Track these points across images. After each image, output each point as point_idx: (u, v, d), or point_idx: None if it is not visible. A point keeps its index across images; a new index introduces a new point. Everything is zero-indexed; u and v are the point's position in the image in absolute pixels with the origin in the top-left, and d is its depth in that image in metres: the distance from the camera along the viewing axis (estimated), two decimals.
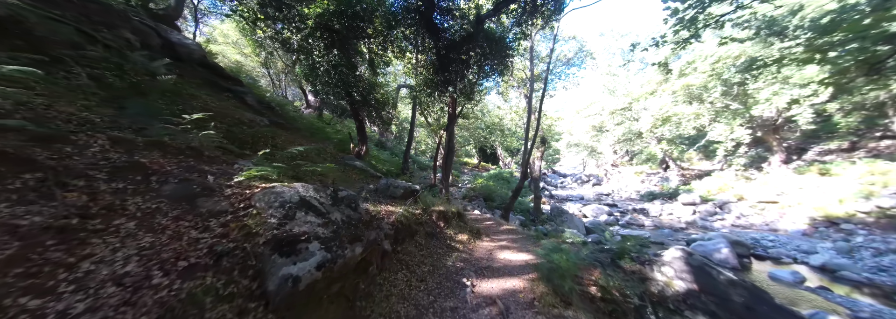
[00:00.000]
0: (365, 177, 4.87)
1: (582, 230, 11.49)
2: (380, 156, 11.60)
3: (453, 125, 7.20)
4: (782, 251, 9.79)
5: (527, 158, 9.26)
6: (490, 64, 7.13)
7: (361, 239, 2.52)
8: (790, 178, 14.13)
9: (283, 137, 4.65)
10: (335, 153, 5.59)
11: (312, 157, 4.28)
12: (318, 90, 6.77)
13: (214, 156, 2.90)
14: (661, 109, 16.90)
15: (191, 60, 4.86)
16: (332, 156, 5.09)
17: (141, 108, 2.58)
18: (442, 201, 5.42)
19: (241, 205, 2.18)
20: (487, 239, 4.32)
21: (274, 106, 7.95)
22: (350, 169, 4.90)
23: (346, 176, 4.35)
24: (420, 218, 3.40)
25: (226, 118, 3.85)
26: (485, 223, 7.31)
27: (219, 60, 15.80)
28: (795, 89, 11.62)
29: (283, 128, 5.37)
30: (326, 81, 6.54)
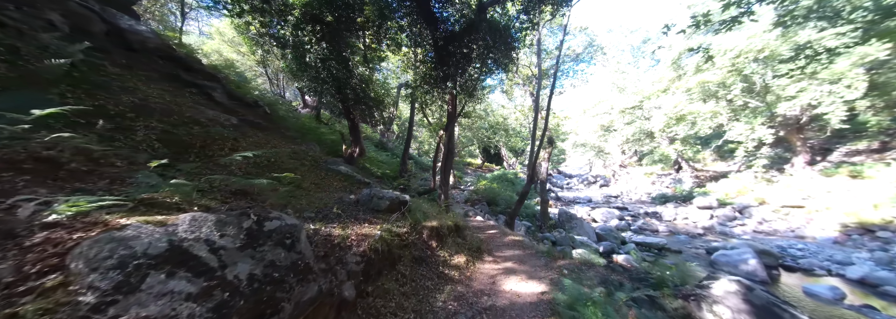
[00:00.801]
0: (350, 185, 4.27)
1: (592, 236, 10.77)
2: (378, 157, 11.02)
3: (453, 124, 6.58)
4: (814, 261, 8.96)
5: (533, 160, 8.58)
6: (493, 57, 6.47)
7: (287, 300, 1.71)
8: (816, 181, 13.20)
9: (253, 139, 4.05)
10: (319, 156, 5.00)
11: (281, 163, 3.66)
12: (306, 86, 6.20)
13: (85, 170, 1.98)
14: (675, 107, 16.03)
15: (145, 50, 4.30)
16: (312, 161, 4.50)
17: (17, 101, 1.99)
18: (439, 211, 4.80)
19: (44, 267, 1.24)
20: (490, 259, 3.69)
21: (260, 104, 7.41)
22: (332, 175, 4.31)
23: (322, 185, 3.75)
24: (406, 239, 2.77)
25: (171, 116, 3.27)
26: (488, 232, 6.67)
27: (214, 58, 15.41)
28: (826, 85, 10.73)
29: (259, 129, 4.79)
30: (314, 76, 5.96)
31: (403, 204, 3.21)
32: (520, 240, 5.49)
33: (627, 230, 13.59)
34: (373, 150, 12.29)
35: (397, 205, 3.16)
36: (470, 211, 9.14)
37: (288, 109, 10.87)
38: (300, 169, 3.93)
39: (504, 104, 23.11)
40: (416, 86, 6.41)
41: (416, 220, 3.24)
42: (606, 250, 9.76)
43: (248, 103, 5.77)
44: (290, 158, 4.03)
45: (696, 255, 10.15)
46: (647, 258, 9.69)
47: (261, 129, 4.87)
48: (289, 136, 6.08)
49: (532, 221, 11.33)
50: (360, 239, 2.39)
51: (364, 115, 7.56)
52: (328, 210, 2.73)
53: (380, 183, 7.30)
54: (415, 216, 3.33)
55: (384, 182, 7.85)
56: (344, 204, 3.12)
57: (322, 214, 2.68)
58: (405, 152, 9.47)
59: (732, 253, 8.85)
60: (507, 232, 6.72)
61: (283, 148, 4.39)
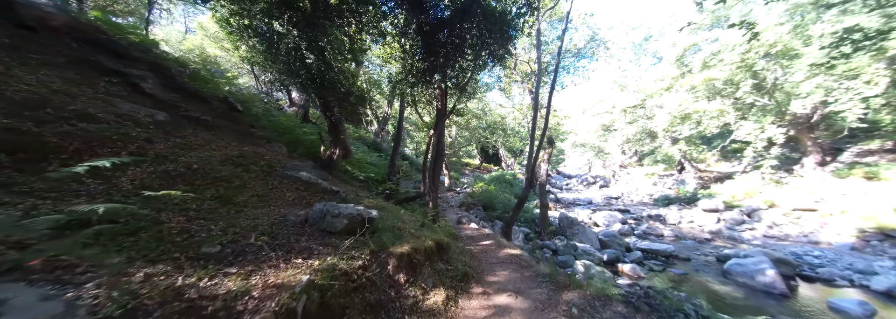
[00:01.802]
0: (310, 195, 3.56)
1: (595, 243, 10.10)
2: (366, 159, 10.31)
3: (443, 123, 5.90)
4: (834, 270, 8.33)
5: (532, 162, 7.90)
6: (488, 48, 5.76)
7: None
8: (829, 183, 12.58)
9: (182, 140, 3.28)
10: (278, 160, 4.27)
11: (210, 171, 2.87)
12: (277, 80, 5.52)
13: None
14: (680, 106, 15.39)
15: (47, 29, 3.58)
16: (265, 166, 3.77)
17: None
18: (420, 224, 4.09)
19: None
20: (478, 291, 2.96)
21: (231, 100, 6.68)
22: (288, 184, 3.58)
23: (268, 198, 3.04)
24: (360, 278, 2.04)
25: (41, 109, 2.55)
26: (481, 243, 5.97)
27: (197, 54, 14.64)
28: (843, 81, 10.09)
29: (204, 127, 4.07)
30: (286, 69, 5.25)
31: (366, 223, 2.50)
32: (517, 255, 4.80)
33: (631, 235, 12.94)
34: (362, 152, 11.57)
35: (358, 224, 2.45)
36: (464, 218, 8.45)
37: (269, 107, 10.14)
38: (242, 177, 3.21)
39: (502, 103, 22.44)
40: (399, 80, 5.70)
41: (381, 245, 2.52)
42: (611, 258, 9.11)
43: (203, 98, 5.05)
44: (231, 164, 3.30)
45: (706, 264, 9.50)
46: (654, 267, 9.04)
47: (207, 128, 4.15)
48: (256, 136, 5.39)
49: (531, 227, 10.65)
50: (268, 293, 1.51)
51: (347, 113, 6.84)
52: (253, 237, 2.00)
53: (361, 188, 6.60)
54: (379, 239, 2.57)
55: (368, 187, 7.15)
56: (285, 225, 2.38)
57: (234, 248, 1.90)
58: (394, 153, 8.76)
59: (747, 263, 8.20)
60: (504, 242, 6.03)
61: (230, 150, 3.65)
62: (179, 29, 20.01)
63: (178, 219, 2.11)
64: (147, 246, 1.72)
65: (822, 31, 11.00)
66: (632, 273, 8.41)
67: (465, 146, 20.39)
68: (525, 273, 3.60)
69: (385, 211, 3.93)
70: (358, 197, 4.54)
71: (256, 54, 5.74)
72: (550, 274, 3.40)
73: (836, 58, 7.32)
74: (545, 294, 2.90)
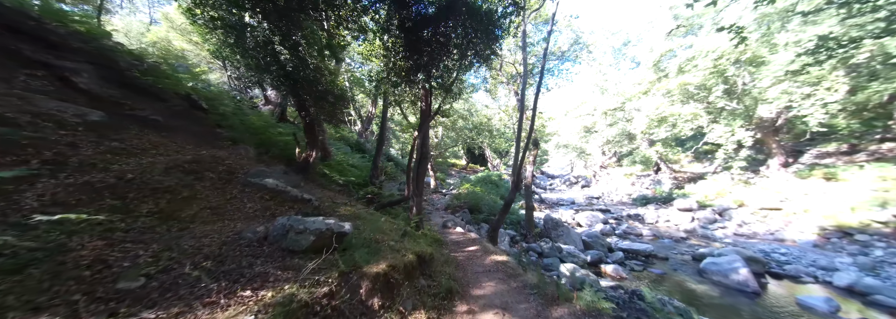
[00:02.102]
0: (276, 205, 3.20)
1: (579, 244, 10.17)
2: (348, 161, 9.87)
3: (428, 124, 5.65)
4: (800, 268, 8.76)
5: (518, 164, 7.80)
6: (474, 48, 5.57)
7: None
8: (793, 183, 13.35)
9: (118, 143, 2.78)
10: (241, 165, 3.84)
11: (150, 181, 2.40)
12: (245, 76, 5.09)
13: None
14: (657, 109, 15.91)
15: None
16: (223, 173, 3.36)
17: None
18: (400, 235, 3.82)
19: None
20: (463, 309, 2.72)
21: (194, 98, 6.13)
22: (250, 193, 3.20)
23: (223, 211, 2.67)
24: (326, 306, 1.74)
25: None
26: (467, 249, 5.77)
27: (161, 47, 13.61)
28: (805, 87, 10.70)
29: (152, 127, 3.59)
30: (251, 64, 4.82)
31: (337, 239, 2.21)
32: (504, 262, 4.63)
33: (612, 234, 13.20)
34: (344, 153, 11.09)
35: (328, 241, 2.15)
36: (450, 222, 8.24)
37: (241, 106, 9.51)
38: (193, 187, 2.79)
39: (488, 104, 22.45)
40: (381, 79, 5.39)
41: (353, 265, 2.16)
42: (594, 259, 9.18)
43: (158, 95, 4.51)
44: (180, 171, 2.86)
45: (683, 262, 9.78)
46: (635, 267, 9.19)
47: (158, 129, 3.67)
48: (221, 138, 4.91)
49: (517, 229, 10.59)
50: None
51: (325, 112, 6.45)
52: (188, 266, 1.64)
53: (341, 193, 6.23)
54: (351, 258, 2.23)
55: (349, 191, 6.78)
56: (238, 245, 2.04)
57: (163, 281, 1.51)
58: (377, 154, 8.40)
59: (722, 262, 8.49)
60: (490, 248, 5.86)
61: (182, 155, 3.20)
62: (143, 20, 18.56)
63: (93, 245, 1.70)
64: (35, 288, 1.32)
65: (786, 39, 11.63)
66: (614, 275, 8.50)
67: (451, 147, 20.21)
68: (512, 284, 3.42)
69: (363, 221, 3.63)
70: (334, 204, 4.19)
71: (224, 47, 5.27)
72: (539, 285, 3.24)
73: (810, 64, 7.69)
74: (534, 309, 2.73)
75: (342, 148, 14.44)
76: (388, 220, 4.48)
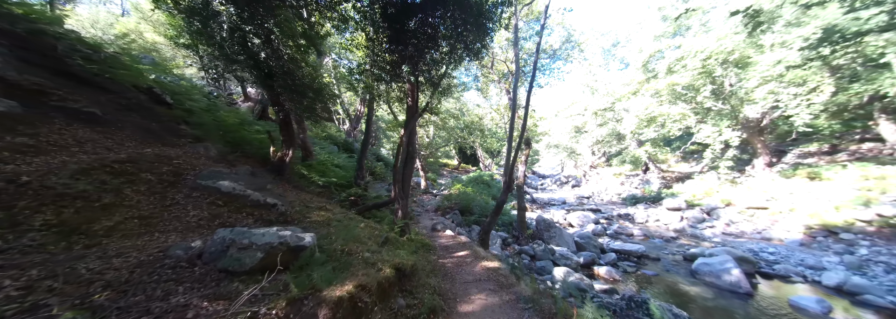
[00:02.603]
0: (230, 212, 2.76)
1: (572, 246, 9.97)
2: (332, 161, 9.38)
3: (415, 121, 5.27)
4: (789, 267, 8.77)
5: (510, 164, 7.50)
6: (464, 42, 5.22)
7: None
8: (778, 183, 13.54)
9: (32, 140, 2.28)
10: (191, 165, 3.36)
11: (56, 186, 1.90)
12: (210, 67, 4.60)
13: None
14: (646, 109, 15.96)
15: None
16: (168, 175, 2.90)
17: None
18: (384, 240, 3.44)
19: None
20: None
21: (158, 91, 5.59)
22: (196, 198, 2.75)
23: (156, 221, 2.24)
24: None
25: None
26: (457, 254, 5.42)
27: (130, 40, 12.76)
28: (792, 88, 10.81)
29: (90, 123, 3.08)
30: (214, 53, 4.35)
31: (293, 254, 1.78)
32: (495, 270, 4.31)
33: (604, 235, 13.11)
34: (328, 153, 10.58)
35: (282, 257, 1.73)
36: (439, 225, 7.87)
37: (216, 102, 8.92)
38: (120, 191, 2.34)
39: (479, 103, 22.20)
40: (362, 71, 4.97)
41: (310, 287, 1.74)
42: (587, 261, 8.99)
43: (105, 86, 3.98)
44: (105, 173, 2.39)
45: (674, 263, 9.70)
46: (628, 268, 9.04)
47: (92, 123, 3.16)
48: (184, 135, 4.41)
49: (509, 230, 10.31)
50: None
51: (304, 109, 5.99)
52: (84, 298, 1.18)
53: (320, 196, 5.78)
54: (307, 278, 1.80)
55: (330, 193, 6.32)
56: (160, 267, 1.63)
57: None
58: (363, 153, 7.95)
59: (714, 262, 8.41)
60: (480, 253, 5.53)
61: (115, 153, 2.72)
62: (115, 11, 17.48)
63: None
64: None
65: (772, 41, 11.74)
66: (608, 277, 8.31)
67: (442, 146, 19.83)
68: (505, 297, 3.09)
69: (337, 228, 3.22)
70: (306, 209, 3.77)
71: (188, 34, 4.77)
72: (534, 298, 2.93)
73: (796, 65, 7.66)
74: None
75: (328, 147, 13.88)
76: (368, 225, 4.08)
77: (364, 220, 4.57)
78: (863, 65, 11.26)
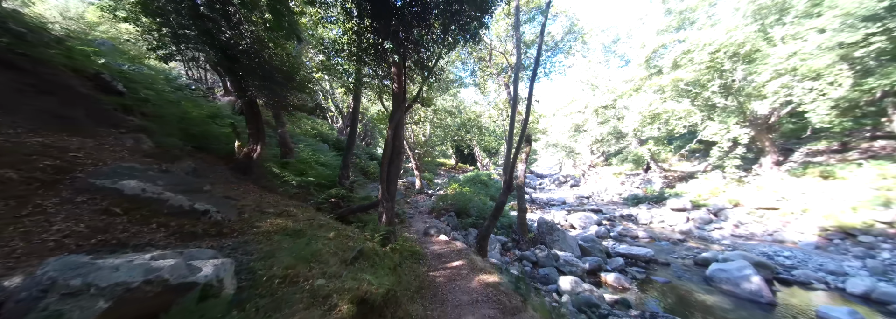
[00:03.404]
0: (125, 227, 2.03)
1: (576, 250, 9.29)
2: (317, 159, 8.62)
3: (402, 112, 4.53)
4: (809, 273, 8.16)
5: (510, 162, 6.81)
6: (458, 20, 4.49)
7: None
8: (788, 182, 12.98)
9: None
10: (93, 161, 2.60)
11: None
12: (153, 45, 3.85)
13: None
14: (650, 106, 15.35)
15: None
16: (46, 173, 2.17)
17: None
18: (357, 254, 2.71)
19: None
20: None
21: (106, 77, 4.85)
22: (81, 205, 1.96)
23: None
24: None
25: None
26: (450, 265, 4.71)
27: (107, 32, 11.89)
28: (807, 82, 10.22)
29: None
30: (165, 30, 3.60)
31: (170, 298, 1.07)
32: (495, 285, 3.61)
33: (608, 237, 12.47)
34: (313, 150, 9.80)
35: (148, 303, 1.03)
36: (432, 229, 7.15)
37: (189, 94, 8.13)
38: None
39: (477, 100, 21.51)
40: (338, 49, 4.18)
41: None
42: (593, 267, 8.31)
43: (22, 67, 3.22)
44: None
45: (685, 268, 9.06)
46: (637, 275, 8.39)
47: None
48: (122, 125, 3.67)
49: (508, 233, 9.61)
50: None
51: (275, 99, 5.24)
52: None
53: (294, 198, 5.03)
54: None
55: (308, 195, 5.57)
56: None
57: None
58: (348, 150, 7.19)
59: (730, 268, 7.77)
60: (477, 263, 4.82)
61: None
62: None
63: None
64: None
65: (783, 33, 11.15)
66: (616, 284, 7.65)
67: (438, 144, 19.10)
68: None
69: (293, 240, 2.50)
70: (259, 216, 3.03)
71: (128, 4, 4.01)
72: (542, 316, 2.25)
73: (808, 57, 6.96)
74: None
75: (318, 145, 13.10)
76: (340, 235, 3.35)
77: (339, 227, 3.84)
78: (876, 59, 10.72)
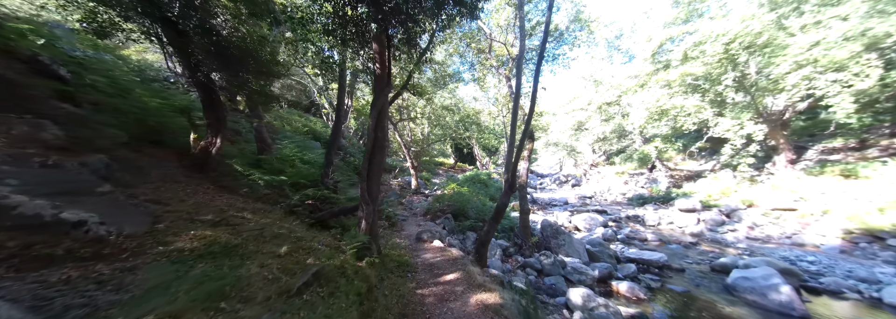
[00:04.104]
0: None
1: (583, 255, 8.56)
2: (303, 156, 7.86)
3: (385, 97, 3.78)
4: (839, 281, 7.45)
5: (513, 160, 6.08)
6: None
7: None
8: (805, 181, 12.27)
9: None
10: None
11: None
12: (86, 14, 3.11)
13: None
14: (657, 101, 14.64)
15: None
16: None
17: None
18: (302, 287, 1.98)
19: None
20: None
21: (45, 61, 4.12)
22: None
23: None
24: None
25: None
26: (443, 278, 3.98)
27: None
28: (831, 73, 9.50)
29: None
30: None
31: None
32: (495, 308, 2.89)
33: (615, 240, 11.76)
34: (298, 147, 9.04)
35: None
36: (426, 233, 6.42)
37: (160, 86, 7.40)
38: None
39: (476, 96, 20.78)
40: (303, 18, 3.40)
41: None
42: (603, 274, 7.59)
43: None
44: None
45: (702, 275, 8.35)
46: (652, 283, 7.67)
47: None
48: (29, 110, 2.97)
49: (509, 237, 8.87)
50: None
51: (238, 84, 4.48)
52: None
53: (259, 201, 4.28)
54: None
55: (278, 197, 4.82)
56: None
57: None
58: (331, 146, 6.41)
59: (755, 276, 7.06)
60: (476, 276, 4.09)
61: None
62: None
63: None
64: None
65: (803, 21, 10.43)
66: (630, 295, 6.93)
67: (435, 141, 18.35)
68: None
69: (227, 258, 1.78)
70: (184, 225, 2.32)
71: None
72: None
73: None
74: None
75: (307, 142, 12.34)
76: (297, 249, 2.62)
77: (302, 238, 3.11)
78: None
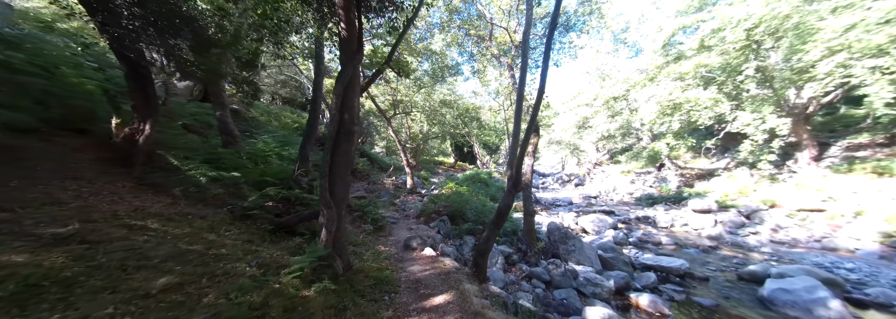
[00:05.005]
0: None
1: (596, 263, 7.66)
2: (280, 151, 6.99)
3: (353, 69, 2.88)
4: (886, 291, 6.53)
5: (518, 156, 5.19)
6: None
7: None
8: (833, 180, 11.32)
9: None
10: None
11: None
12: None
13: None
14: (670, 94, 13.70)
15: None
16: None
17: None
18: None
19: None
20: None
21: None
22: None
23: None
24: None
25: None
26: (431, 301, 3.13)
27: None
28: (867, 60, 8.56)
29: None
30: None
31: None
32: None
33: (627, 243, 10.86)
34: (278, 141, 8.16)
35: None
36: (416, 240, 5.54)
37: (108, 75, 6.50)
38: None
39: (476, 90, 19.87)
40: None
41: None
42: (619, 285, 6.70)
43: None
44: None
45: (729, 284, 7.44)
46: (675, 295, 6.77)
47: None
48: None
49: (512, 242, 7.98)
50: None
51: (179, 59, 3.59)
52: None
53: (203, 203, 3.41)
54: None
55: (232, 197, 3.97)
56: None
57: None
58: (307, 138, 5.53)
59: (796, 288, 6.15)
60: (472, 298, 3.22)
61: None
62: None
63: None
64: None
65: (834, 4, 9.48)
66: (652, 310, 6.03)
67: (433, 137, 17.46)
68: None
69: None
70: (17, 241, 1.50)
71: None
72: None
73: None
74: None
75: (292, 138, 11.48)
76: (176, 285, 1.67)
77: (219, 260, 2.27)
78: None
